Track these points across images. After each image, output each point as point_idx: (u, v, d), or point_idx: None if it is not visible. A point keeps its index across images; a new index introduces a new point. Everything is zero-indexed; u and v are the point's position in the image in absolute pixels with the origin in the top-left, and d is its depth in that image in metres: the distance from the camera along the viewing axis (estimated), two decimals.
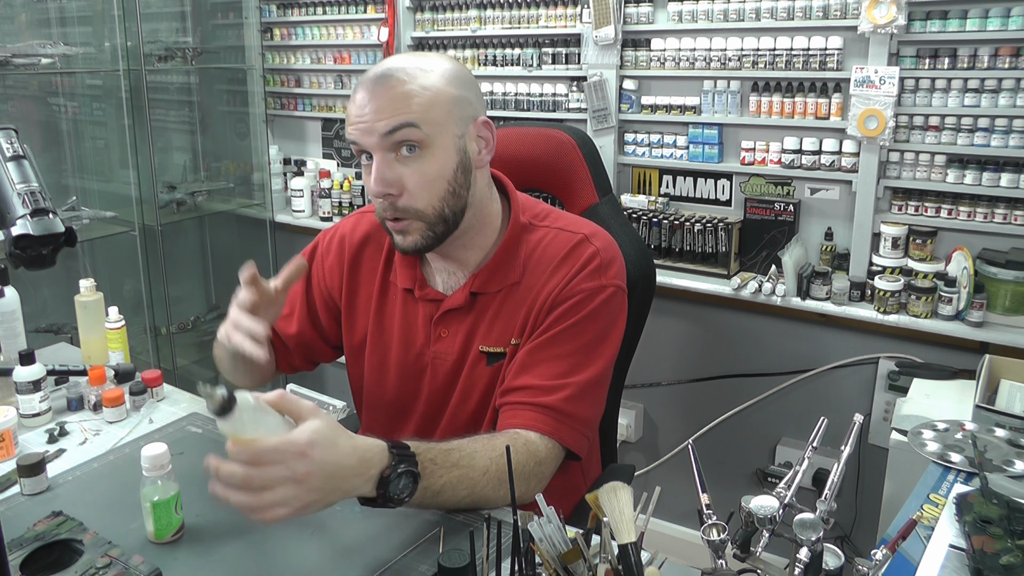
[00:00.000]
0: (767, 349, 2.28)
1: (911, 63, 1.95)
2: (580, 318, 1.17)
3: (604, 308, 1.18)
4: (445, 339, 1.24)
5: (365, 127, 1.10)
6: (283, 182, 3.18)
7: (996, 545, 0.98)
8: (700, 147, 2.28)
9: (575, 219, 1.28)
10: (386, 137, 1.09)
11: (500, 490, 1.05)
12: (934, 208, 2.00)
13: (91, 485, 1.16)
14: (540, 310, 1.18)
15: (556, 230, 1.24)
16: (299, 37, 3.04)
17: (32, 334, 1.64)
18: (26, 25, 2.76)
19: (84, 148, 2.96)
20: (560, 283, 1.18)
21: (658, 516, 2.44)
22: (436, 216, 1.15)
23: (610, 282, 1.20)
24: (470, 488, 1.03)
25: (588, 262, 1.19)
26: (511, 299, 1.21)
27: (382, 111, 1.09)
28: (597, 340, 1.18)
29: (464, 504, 1.04)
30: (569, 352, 1.16)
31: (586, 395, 1.16)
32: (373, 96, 1.10)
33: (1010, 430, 1.36)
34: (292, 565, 0.98)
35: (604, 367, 1.19)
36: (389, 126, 1.09)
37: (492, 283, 1.22)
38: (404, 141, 1.10)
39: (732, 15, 2.14)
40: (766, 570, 0.85)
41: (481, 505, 1.06)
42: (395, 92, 1.10)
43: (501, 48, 2.57)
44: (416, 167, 1.11)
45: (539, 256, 1.21)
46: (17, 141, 1.02)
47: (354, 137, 1.12)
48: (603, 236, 1.25)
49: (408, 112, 1.09)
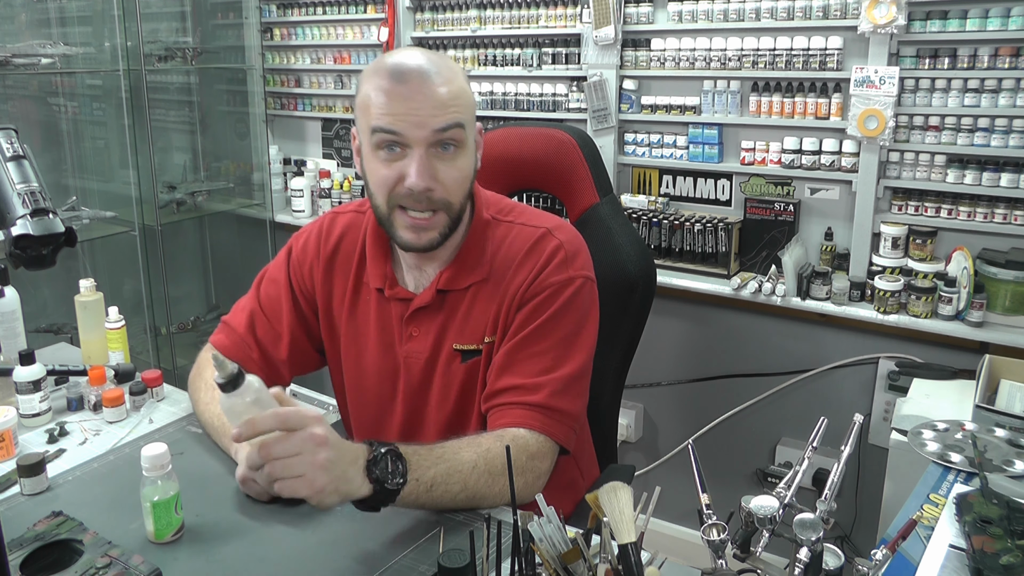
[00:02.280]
0: (767, 349, 2.28)
1: (911, 63, 1.95)
2: (553, 312, 1.17)
3: (576, 300, 1.19)
4: (416, 338, 1.24)
5: (416, 120, 1.09)
6: (283, 182, 3.18)
7: (996, 545, 0.98)
8: (700, 147, 2.28)
9: (539, 213, 1.29)
10: (438, 133, 1.10)
11: (495, 486, 1.06)
12: (934, 208, 2.00)
13: (91, 485, 1.16)
14: (510, 306, 1.19)
15: (520, 225, 1.24)
16: (299, 37, 3.04)
17: (32, 334, 1.64)
18: (26, 25, 2.76)
19: (84, 148, 2.96)
20: (527, 278, 1.19)
21: (658, 516, 2.44)
22: (458, 212, 1.17)
23: (578, 273, 1.20)
24: (462, 482, 1.03)
25: (553, 255, 1.20)
26: (481, 295, 1.22)
27: (438, 108, 1.09)
28: (574, 333, 1.18)
29: (460, 501, 1.04)
30: (547, 348, 1.17)
31: (569, 389, 1.17)
32: (421, 90, 1.09)
33: (1010, 430, 1.36)
34: (292, 565, 0.98)
35: (584, 359, 1.19)
36: (444, 123, 1.10)
37: (459, 280, 1.22)
38: (450, 140, 1.12)
39: (732, 15, 2.15)
40: (766, 570, 0.85)
41: (478, 503, 1.06)
42: (447, 90, 1.11)
43: (501, 48, 2.57)
44: (452, 164, 1.13)
45: (505, 251, 1.22)
46: (17, 141, 1.02)
47: (399, 128, 1.09)
48: (567, 228, 1.25)
49: (459, 112, 1.11)
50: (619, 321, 1.56)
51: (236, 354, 1.32)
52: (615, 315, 1.56)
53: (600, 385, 1.57)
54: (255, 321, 1.33)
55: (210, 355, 1.31)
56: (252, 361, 1.32)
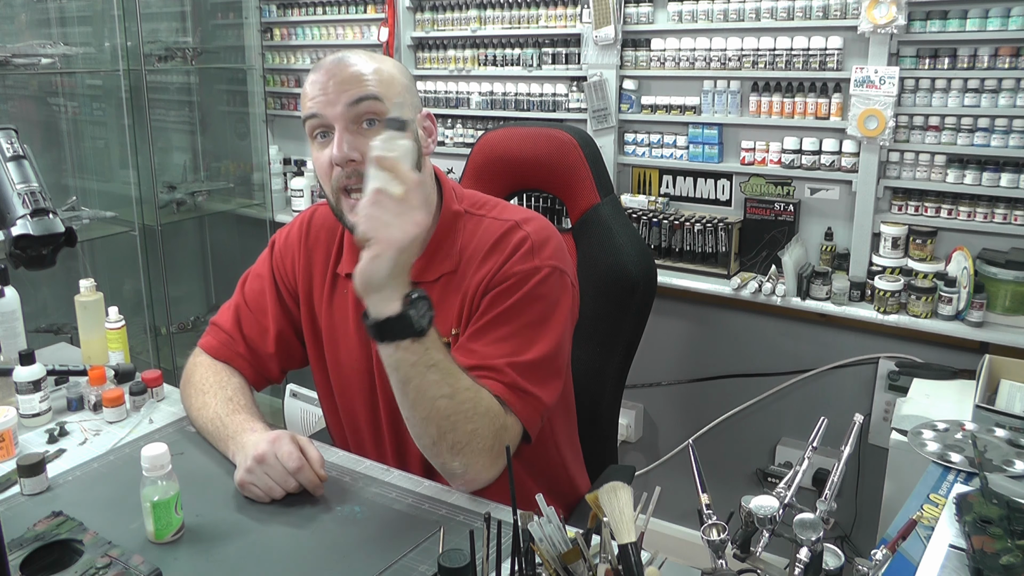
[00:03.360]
0: (767, 349, 2.28)
1: (911, 63, 1.95)
2: (516, 300, 1.16)
3: (541, 288, 1.17)
4: None
5: (327, 100, 1.12)
6: (283, 182, 3.18)
7: (996, 545, 0.98)
8: (700, 147, 2.28)
9: (513, 208, 1.29)
10: (350, 107, 1.12)
11: (469, 423, 1.05)
12: (934, 208, 2.00)
13: (91, 485, 1.16)
14: (474, 296, 1.19)
15: (491, 219, 1.24)
16: (299, 37, 3.04)
17: (32, 334, 1.64)
18: (26, 25, 2.76)
19: (84, 148, 2.96)
20: (492, 269, 1.18)
21: (658, 516, 2.43)
22: None
23: (545, 263, 1.19)
24: (451, 388, 1.03)
25: (519, 246, 1.19)
26: (449, 288, 1.21)
27: (346, 83, 1.13)
28: (539, 321, 1.16)
29: (437, 410, 1.03)
30: (510, 334, 1.15)
31: (534, 372, 1.14)
32: (333, 74, 1.14)
33: (1010, 430, 1.36)
34: (292, 565, 0.98)
35: (551, 347, 1.16)
36: (354, 96, 1.12)
37: (428, 272, 1.22)
38: (367, 113, 1.13)
39: (732, 15, 2.14)
40: (766, 570, 0.85)
41: (451, 425, 1.04)
42: (356, 69, 1.14)
43: (501, 48, 2.57)
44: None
45: (474, 244, 1.22)
46: (17, 141, 1.02)
47: (315, 110, 1.14)
48: (537, 220, 1.24)
49: (370, 86, 1.13)
50: (619, 321, 1.56)
51: (224, 352, 1.33)
52: (615, 315, 1.56)
53: (600, 385, 1.57)
54: (241, 317, 1.34)
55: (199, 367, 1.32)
56: (240, 356, 1.33)
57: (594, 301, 1.54)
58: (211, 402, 1.25)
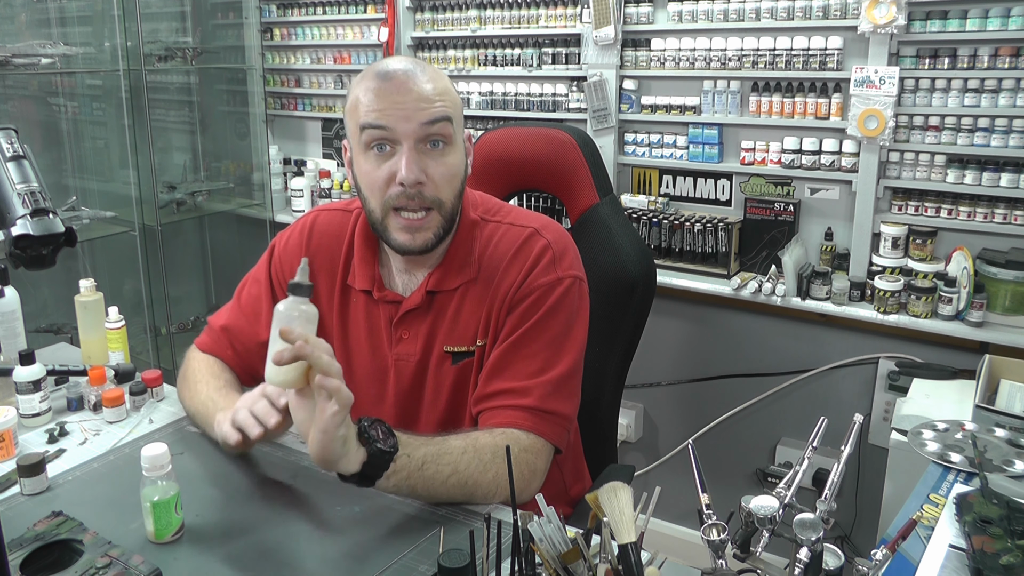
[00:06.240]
0: (767, 349, 2.28)
1: (911, 63, 1.95)
2: (542, 314, 1.17)
3: (564, 301, 1.19)
4: (407, 341, 1.24)
5: (403, 114, 1.10)
6: (283, 182, 3.18)
7: (996, 545, 0.98)
8: (700, 147, 2.28)
9: (526, 213, 1.29)
10: (425, 127, 1.11)
11: (486, 472, 1.07)
12: (934, 208, 2.00)
13: (91, 485, 1.16)
14: (500, 309, 1.19)
15: (507, 225, 1.24)
16: (299, 37, 3.04)
17: (32, 334, 1.64)
18: (26, 25, 2.76)
19: (84, 148, 2.96)
20: (516, 280, 1.19)
21: (658, 516, 2.44)
22: (451, 212, 1.17)
23: (566, 273, 1.20)
24: (452, 464, 1.04)
25: (541, 256, 1.19)
26: (469, 297, 1.21)
27: (424, 101, 1.10)
28: (563, 334, 1.18)
29: (453, 485, 1.05)
30: (537, 350, 1.16)
31: (560, 390, 1.16)
32: (408, 85, 1.11)
33: (1010, 430, 1.36)
34: (292, 565, 0.98)
35: (574, 360, 1.19)
36: (430, 116, 1.11)
37: (447, 281, 1.22)
38: (438, 135, 1.12)
39: (732, 15, 2.15)
40: (766, 570, 0.85)
41: (471, 490, 1.06)
42: (433, 86, 1.12)
43: (501, 48, 2.57)
44: (442, 160, 1.14)
45: (492, 252, 1.22)
46: (17, 141, 1.02)
47: (383, 122, 1.10)
48: (554, 228, 1.25)
49: (446, 107, 1.12)
50: (619, 321, 1.56)
51: (216, 349, 1.34)
52: (615, 315, 1.56)
53: (600, 385, 1.57)
54: (235, 320, 1.34)
55: (193, 360, 1.33)
56: (231, 357, 1.33)
57: (594, 301, 1.53)
58: (203, 388, 1.26)
